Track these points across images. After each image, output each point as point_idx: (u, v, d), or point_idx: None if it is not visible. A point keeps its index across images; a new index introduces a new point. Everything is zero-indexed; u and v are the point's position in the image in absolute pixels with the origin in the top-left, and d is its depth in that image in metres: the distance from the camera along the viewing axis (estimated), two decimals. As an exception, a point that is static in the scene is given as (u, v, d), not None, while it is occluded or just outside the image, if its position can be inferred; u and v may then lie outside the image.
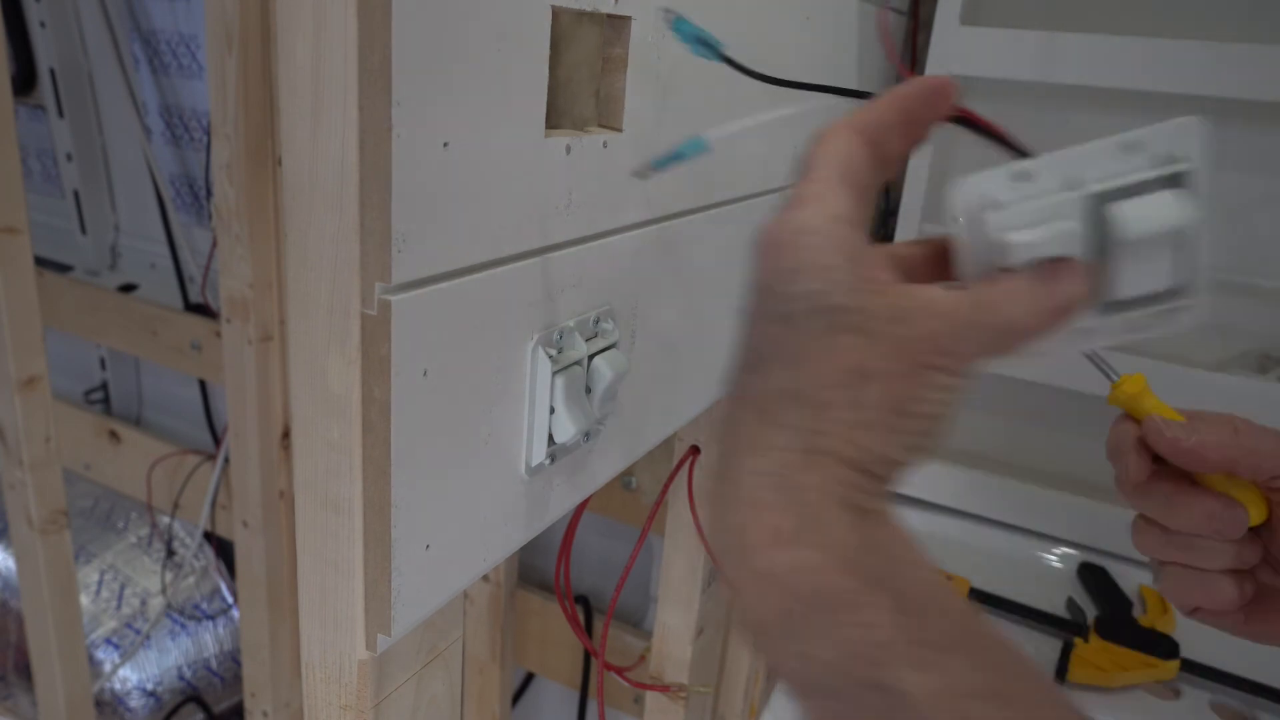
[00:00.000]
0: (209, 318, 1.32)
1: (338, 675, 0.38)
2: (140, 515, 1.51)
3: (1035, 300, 0.29)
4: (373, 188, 0.31)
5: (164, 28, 1.34)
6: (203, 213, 1.42)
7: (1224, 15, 0.82)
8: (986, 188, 0.31)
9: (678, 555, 0.81)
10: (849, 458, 0.27)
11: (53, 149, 1.53)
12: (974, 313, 0.28)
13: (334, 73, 0.30)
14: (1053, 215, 0.30)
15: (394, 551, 0.35)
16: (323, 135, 0.31)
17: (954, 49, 0.84)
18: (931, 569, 0.28)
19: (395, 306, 0.32)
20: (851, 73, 0.80)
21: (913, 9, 0.93)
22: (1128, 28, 0.83)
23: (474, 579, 0.41)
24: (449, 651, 0.44)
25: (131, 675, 1.41)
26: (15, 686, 1.47)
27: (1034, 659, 0.28)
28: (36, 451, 1.01)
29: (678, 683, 0.84)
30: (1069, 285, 0.29)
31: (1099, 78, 0.79)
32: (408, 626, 0.37)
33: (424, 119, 0.31)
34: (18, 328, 0.93)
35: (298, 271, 0.33)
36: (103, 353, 1.66)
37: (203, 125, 1.36)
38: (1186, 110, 0.30)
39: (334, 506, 0.35)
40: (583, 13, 0.39)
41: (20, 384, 0.96)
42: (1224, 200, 0.86)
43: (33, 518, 1.04)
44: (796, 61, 0.66)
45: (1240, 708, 0.75)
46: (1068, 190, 0.30)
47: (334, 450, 0.34)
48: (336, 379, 0.33)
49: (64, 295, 1.45)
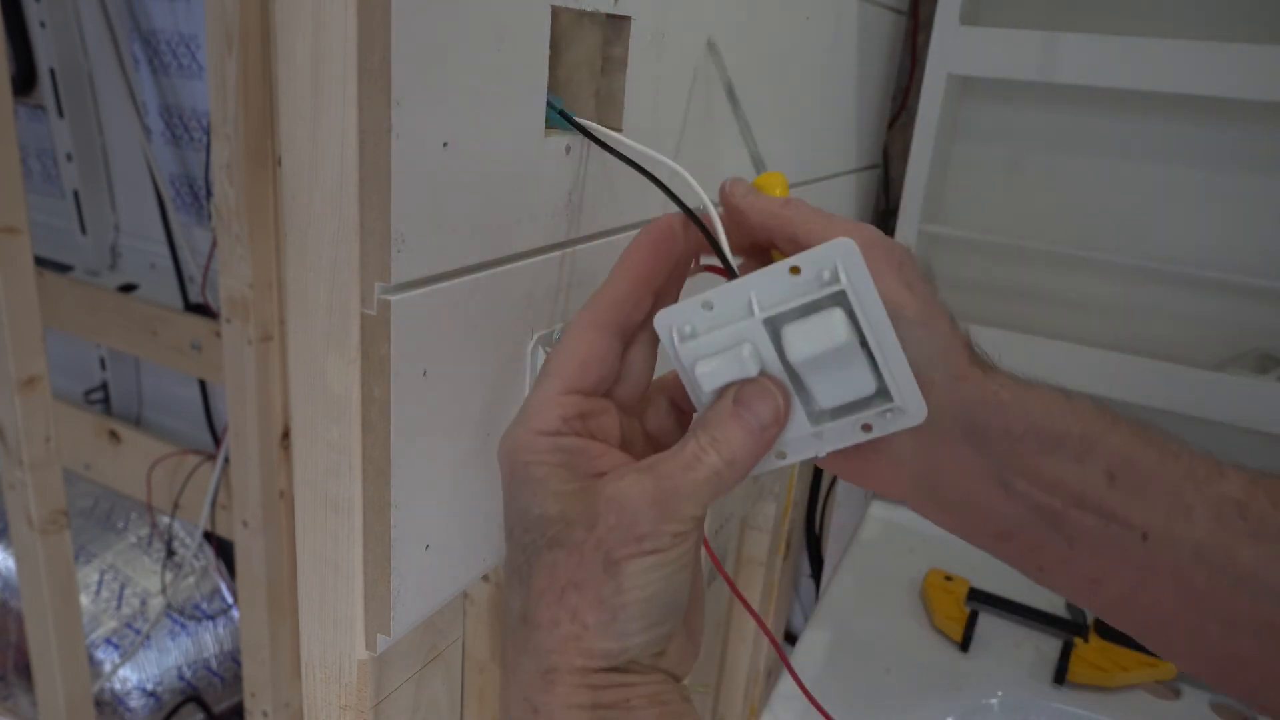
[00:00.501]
0: (209, 318, 1.32)
1: (338, 675, 0.38)
2: (140, 515, 1.51)
3: (734, 435, 0.30)
4: (372, 188, 0.31)
5: (164, 28, 1.34)
6: (203, 213, 1.42)
7: (1224, 15, 0.82)
8: (678, 318, 0.32)
9: (678, 555, 0.81)
10: (579, 667, 0.29)
11: (53, 149, 1.53)
12: (662, 487, 0.29)
13: (333, 73, 0.30)
14: (732, 342, 0.31)
15: (394, 551, 0.35)
16: (322, 135, 0.31)
17: (954, 49, 0.84)
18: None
19: (395, 306, 0.32)
20: (851, 73, 0.80)
21: (913, 9, 0.93)
22: (1128, 28, 0.83)
23: (474, 579, 0.41)
24: (449, 651, 0.44)
25: (131, 675, 1.41)
26: (15, 686, 1.47)
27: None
28: (36, 451, 1.01)
29: (678, 683, 0.84)
30: (760, 406, 0.31)
31: (1099, 78, 0.79)
32: (408, 626, 0.37)
33: (424, 119, 0.31)
34: (18, 328, 0.93)
35: (297, 271, 0.33)
36: (103, 353, 1.66)
37: (203, 125, 1.36)
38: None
39: (334, 506, 0.35)
40: (583, 13, 0.39)
41: (20, 384, 0.96)
42: (1224, 200, 0.86)
43: (33, 518, 1.04)
44: (796, 61, 0.66)
45: (1240, 708, 0.75)
46: (748, 316, 0.31)
47: (334, 450, 0.34)
48: (336, 379, 0.33)
49: (64, 295, 1.45)
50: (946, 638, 0.80)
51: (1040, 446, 0.33)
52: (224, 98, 0.85)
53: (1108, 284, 0.92)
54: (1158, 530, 0.32)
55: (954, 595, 0.82)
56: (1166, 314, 0.90)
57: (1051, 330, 0.92)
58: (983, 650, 0.79)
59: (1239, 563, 0.31)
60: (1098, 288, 0.93)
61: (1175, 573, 0.32)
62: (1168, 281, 0.89)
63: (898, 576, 0.89)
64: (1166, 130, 0.86)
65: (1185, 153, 0.86)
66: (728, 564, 0.96)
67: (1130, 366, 0.84)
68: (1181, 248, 0.88)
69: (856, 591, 0.87)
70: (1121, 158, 0.89)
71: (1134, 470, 0.32)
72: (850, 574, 0.90)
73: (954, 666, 0.77)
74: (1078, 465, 0.32)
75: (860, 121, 0.88)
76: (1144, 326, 0.91)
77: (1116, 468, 0.32)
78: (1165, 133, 0.86)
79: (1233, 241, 0.86)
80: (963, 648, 0.79)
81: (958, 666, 0.77)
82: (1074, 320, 0.94)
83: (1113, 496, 0.32)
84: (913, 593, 0.86)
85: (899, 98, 0.97)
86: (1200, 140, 0.85)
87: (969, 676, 0.76)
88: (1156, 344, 0.90)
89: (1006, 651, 0.79)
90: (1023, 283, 0.96)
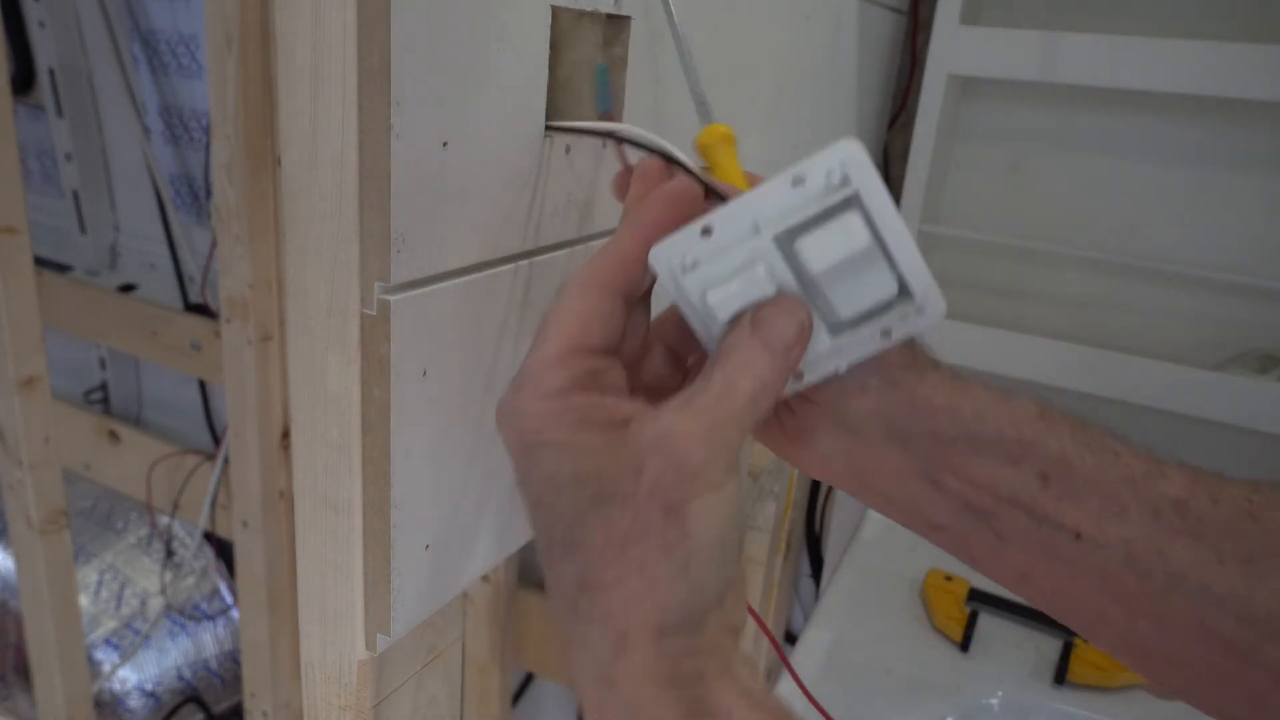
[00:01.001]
0: (209, 318, 1.32)
1: (337, 675, 0.38)
2: (140, 515, 1.51)
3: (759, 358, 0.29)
4: (372, 188, 0.31)
5: (164, 28, 1.34)
6: (203, 213, 1.42)
7: (1224, 15, 0.82)
8: (677, 251, 0.30)
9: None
10: (654, 626, 0.26)
11: (52, 149, 1.52)
12: (704, 421, 0.28)
13: (333, 73, 0.30)
14: (743, 264, 0.30)
15: (393, 552, 0.35)
16: (322, 135, 0.31)
17: (954, 49, 0.84)
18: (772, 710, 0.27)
19: (395, 306, 0.32)
20: (851, 73, 0.80)
21: (913, 9, 0.93)
22: (1128, 28, 0.83)
23: (474, 579, 0.41)
24: (449, 651, 0.44)
25: (131, 675, 1.41)
26: (15, 686, 1.47)
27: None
28: (36, 451, 1.01)
29: (678, 683, 0.84)
30: (782, 324, 0.29)
31: (1099, 78, 0.79)
32: (407, 627, 0.37)
33: (424, 119, 0.31)
34: (17, 328, 0.93)
35: (297, 271, 0.33)
36: (103, 353, 1.66)
37: (202, 125, 1.36)
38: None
39: (333, 506, 0.35)
40: (583, 13, 0.39)
41: (20, 384, 0.96)
42: (1224, 200, 0.86)
43: (32, 518, 1.04)
44: (796, 61, 0.66)
45: (1240, 708, 0.75)
46: (754, 236, 0.30)
47: (333, 450, 0.34)
48: (336, 379, 0.33)
49: (64, 295, 1.45)
50: (946, 638, 0.80)
51: (971, 449, 0.33)
52: (224, 98, 0.85)
53: (1107, 284, 0.92)
54: (1090, 531, 0.31)
55: (954, 595, 0.82)
56: (1166, 314, 0.90)
57: (1051, 330, 0.92)
58: (983, 650, 0.79)
59: (1172, 563, 0.31)
60: (1097, 288, 0.93)
61: (1106, 572, 0.32)
62: (1167, 281, 0.89)
63: (898, 576, 0.89)
64: (1166, 130, 0.86)
65: (1185, 153, 0.86)
66: (728, 564, 0.96)
67: (1130, 366, 0.84)
68: (1181, 248, 0.88)
69: (856, 591, 0.87)
70: (1121, 158, 0.89)
71: (1069, 472, 0.32)
72: (850, 574, 0.90)
73: (954, 666, 0.77)
74: (1011, 468, 0.32)
75: (860, 122, 0.88)
76: (1144, 326, 0.91)
77: (1051, 470, 0.32)
78: (1165, 133, 0.86)
79: (1232, 241, 0.86)
80: (963, 648, 0.79)
81: (958, 666, 0.77)
82: (1074, 320, 0.94)
83: (1045, 498, 0.32)
84: (913, 593, 0.86)
85: (899, 98, 0.97)
86: (1200, 140, 0.85)
87: (969, 676, 0.76)
88: (1156, 344, 0.90)
89: (1006, 651, 0.79)
90: (1022, 282, 0.96)
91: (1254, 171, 0.84)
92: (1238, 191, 0.85)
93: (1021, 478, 0.32)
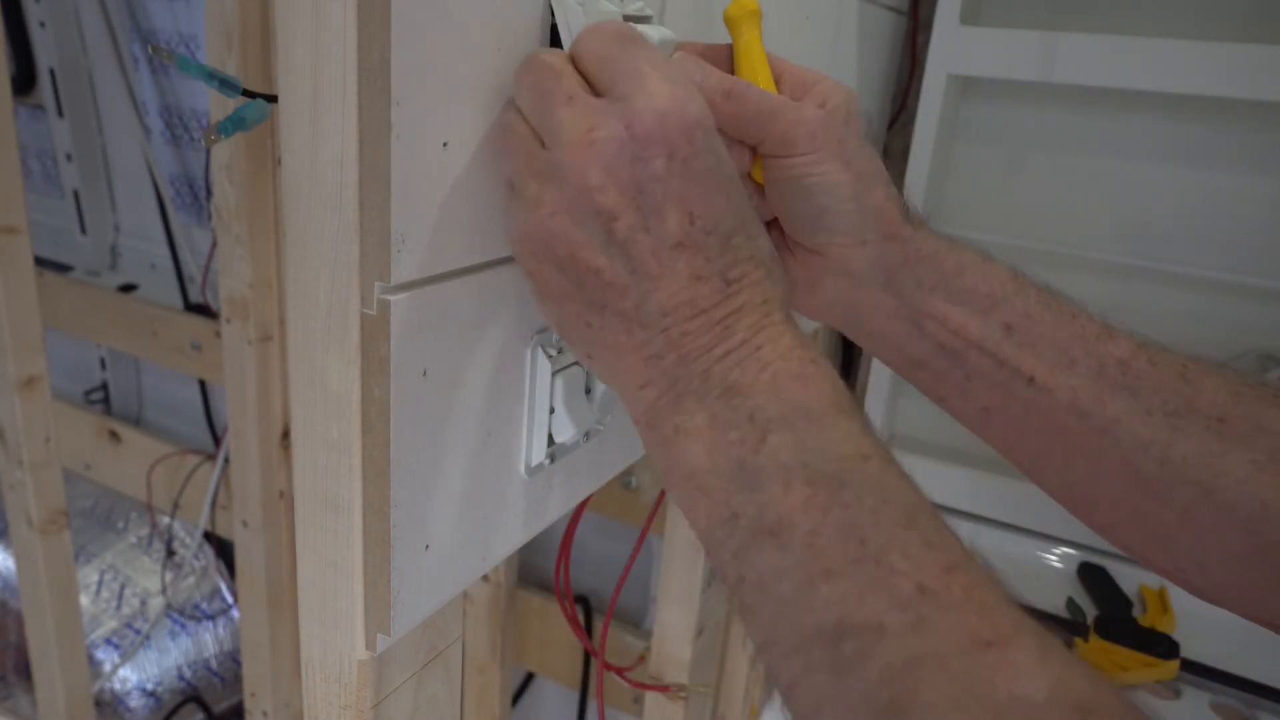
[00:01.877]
0: (209, 318, 1.32)
1: (338, 675, 0.38)
2: (140, 515, 1.52)
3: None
4: (372, 188, 0.31)
5: (164, 28, 1.34)
6: (203, 213, 1.42)
7: (1224, 15, 0.82)
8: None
9: (677, 555, 0.81)
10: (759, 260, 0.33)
11: (52, 149, 1.53)
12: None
13: (333, 73, 0.30)
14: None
15: (393, 552, 0.35)
16: (322, 135, 0.31)
17: (954, 49, 0.84)
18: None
19: (394, 306, 0.32)
20: (852, 73, 0.80)
21: (913, 9, 0.93)
22: (1128, 28, 0.83)
23: (474, 579, 0.41)
24: (449, 651, 0.44)
25: (131, 675, 1.41)
26: (15, 686, 1.47)
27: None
28: (36, 451, 1.01)
29: (678, 683, 0.84)
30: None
31: (1099, 78, 0.79)
32: (407, 626, 0.37)
33: (423, 119, 0.31)
34: (17, 328, 0.93)
35: (297, 272, 0.33)
36: (103, 353, 1.66)
37: (202, 125, 1.36)
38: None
39: (333, 506, 0.35)
40: (582, 13, 0.39)
41: (20, 384, 0.96)
42: (1223, 200, 0.86)
43: (32, 518, 1.04)
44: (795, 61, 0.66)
45: (1240, 708, 0.75)
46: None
47: (333, 450, 0.34)
48: (336, 379, 0.33)
49: (64, 295, 1.45)
50: (946, 638, 0.80)
51: (949, 297, 0.39)
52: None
53: (1107, 284, 0.92)
54: (1042, 377, 0.37)
55: (954, 595, 0.82)
56: (1166, 314, 0.90)
57: (1051, 330, 0.92)
58: (983, 650, 0.79)
59: (1109, 411, 0.36)
60: (1097, 287, 0.93)
61: (1052, 414, 0.37)
62: (1167, 281, 0.89)
63: (898, 576, 0.88)
64: (1166, 130, 0.86)
65: (1185, 153, 0.86)
66: (728, 564, 0.96)
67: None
68: (1181, 248, 0.88)
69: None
70: (1121, 158, 0.89)
71: (1030, 326, 0.38)
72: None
73: (954, 666, 0.77)
74: (981, 318, 0.38)
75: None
76: (1144, 326, 0.91)
77: (1015, 322, 0.38)
78: (1165, 133, 0.86)
79: (1232, 241, 0.86)
80: (963, 648, 0.79)
81: (958, 666, 0.77)
82: (1074, 320, 0.94)
83: (1007, 345, 0.38)
84: (913, 593, 0.86)
85: (899, 98, 0.97)
86: (1200, 140, 0.85)
87: (969, 676, 0.76)
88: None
89: (1006, 651, 0.79)
90: (1023, 283, 0.96)
91: (1254, 171, 0.84)
92: (1238, 191, 0.85)
93: (989, 326, 0.38)
